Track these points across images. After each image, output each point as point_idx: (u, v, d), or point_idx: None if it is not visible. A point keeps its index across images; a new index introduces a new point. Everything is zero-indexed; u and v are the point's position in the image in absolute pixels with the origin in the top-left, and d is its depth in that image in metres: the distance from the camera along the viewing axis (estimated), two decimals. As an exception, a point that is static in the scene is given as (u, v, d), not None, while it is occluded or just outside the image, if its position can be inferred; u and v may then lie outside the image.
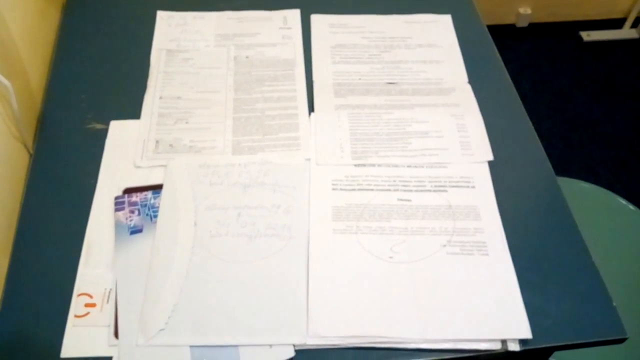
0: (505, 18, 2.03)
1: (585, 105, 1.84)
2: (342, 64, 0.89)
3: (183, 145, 0.77)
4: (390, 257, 0.67)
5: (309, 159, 0.76)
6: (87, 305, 0.62)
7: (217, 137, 0.78)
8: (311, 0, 0.98)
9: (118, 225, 0.68)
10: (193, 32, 0.93)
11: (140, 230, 0.68)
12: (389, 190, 0.73)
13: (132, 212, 0.69)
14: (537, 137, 0.80)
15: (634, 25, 2.05)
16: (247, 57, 0.89)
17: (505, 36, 1.99)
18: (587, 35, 2.02)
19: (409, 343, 0.61)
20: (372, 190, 0.73)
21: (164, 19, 0.95)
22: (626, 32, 2.05)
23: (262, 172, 0.74)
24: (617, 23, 2.07)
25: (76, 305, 0.63)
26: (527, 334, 0.61)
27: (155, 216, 0.69)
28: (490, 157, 0.77)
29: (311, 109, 0.83)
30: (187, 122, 0.80)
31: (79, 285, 0.64)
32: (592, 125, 1.80)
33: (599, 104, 1.85)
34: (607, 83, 1.91)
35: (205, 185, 0.72)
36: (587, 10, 2.05)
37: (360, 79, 0.87)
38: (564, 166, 1.69)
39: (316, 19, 0.96)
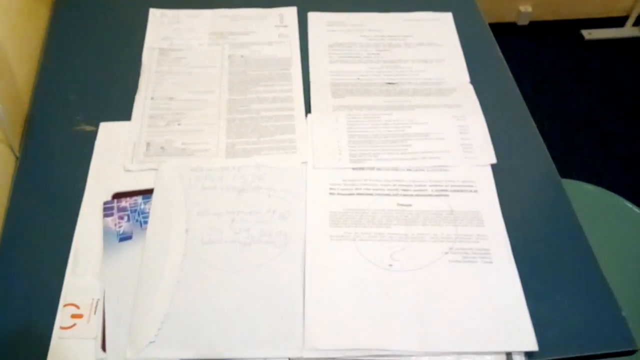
0: (506, 16, 2.01)
1: (587, 105, 1.82)
2: (340, 64, 0.86)
3: (175, 147, 0.74)
4: (390, 265, 0.64)
5: (305, 162, 0.73)
6: (73, 316, 0.59)
7: (210, 139, 0.76)
8: (308, -3, 0.95)
9: (106, 231, 0.66)
10: (186, 31, 0.90)
11: (129, 237, 0.65)
12: (389, 194, 0.70)
13: (121, 218, 0.66)
14: (541, 139, 0.78)
15: (636, 24, 2.02)
16: (242, 56, 0.87)
17: (506, 34, 1.97)
18: (589, 34, 2.00)
19: (410, 356, 0.58)
20: (371, 194, 0.70)
21: (156, 16, 0.92)
22: (628, 31, 2.02)
23: (257, 176, 0.71)
24: (619, 21, 2.04)
25: (62, 316, 0.60)
26: (533, 346, 0.59)
27: (146, 222, 0.66)
28: (493, 160, 0.75)
29: (308, 110, 0.80)
30: (179, 124, 0.77)
31: (65, 295, 0.61)
32: (594, 124, 1.77)
33: (601, 103, 1.82)
34: (609, 82, 1.89)
35: (198, 190, 0.70)
36: (589, 9, 2.03)
37: (358, 78, 0.84)
38: (565, 167, 1.67)
39: (313, 17, 0.93)
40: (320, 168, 0.73)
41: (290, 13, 0.94)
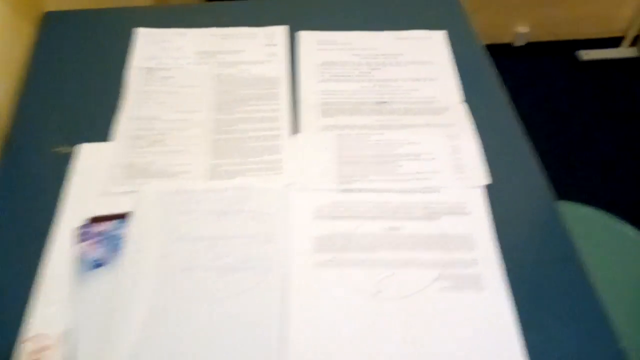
0: (502, 37, 2.00)
1: (584, 126, 1.80)
2: (331, 82, 0.84)
3: (157, 169, 0.72)
4: (378, 292, 0.61)
5: (290, 184, 0.71)
6: (40, 348, 0.56)
7: (194, 160, 0.73)
8: (299, 16, 0.94)
9: (80, 258, 0.63)
10: (174, 50, 0.89)
11: (103, 264, 0.62)
12: (376, 217, 0.68)
13: (96, 243, 0.64)
14: (535, 160, 0.75)
15: (632, 44, 2.02)
16: (230, 75, 0.85)
17: (503, 55, 1.96)
18: (585, 54, 1.99)
19: (397, 389, 0.55)
20: (358, 218, 0.68)
21: (143, 35, 0.90)
22: (624, 51, 2.01)
23: (240, 199, 0.69)
24: (615, 42, 2.03)
25: (28, 348, 0.56)
26: (527, 378, 0.56)
27: (121, 248, 0.63)
28: (486, 181, 0.72)
29: (297, 129, 0.78)
30: (162, 145, 0.75)
31: (33, 327, 0.58)
32: (591, 145, 1.75)
33: (598, 124, 1.81)
34: (606, 102, 1.87)
35: (178, 214, 0.67)
36: (585, 29, 2.02)
37: (349, 97, 0.82)
38: (562, 189, 1.64)
39: (304, 36, 0.91)
40: (307, 190, 0.70)
41: (280, 32, 0.92)
